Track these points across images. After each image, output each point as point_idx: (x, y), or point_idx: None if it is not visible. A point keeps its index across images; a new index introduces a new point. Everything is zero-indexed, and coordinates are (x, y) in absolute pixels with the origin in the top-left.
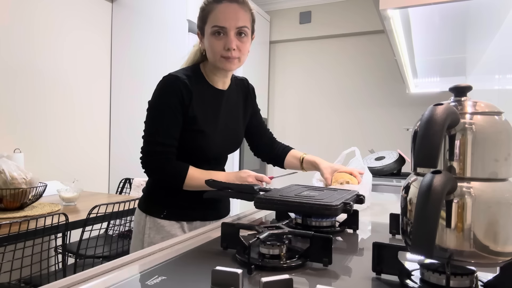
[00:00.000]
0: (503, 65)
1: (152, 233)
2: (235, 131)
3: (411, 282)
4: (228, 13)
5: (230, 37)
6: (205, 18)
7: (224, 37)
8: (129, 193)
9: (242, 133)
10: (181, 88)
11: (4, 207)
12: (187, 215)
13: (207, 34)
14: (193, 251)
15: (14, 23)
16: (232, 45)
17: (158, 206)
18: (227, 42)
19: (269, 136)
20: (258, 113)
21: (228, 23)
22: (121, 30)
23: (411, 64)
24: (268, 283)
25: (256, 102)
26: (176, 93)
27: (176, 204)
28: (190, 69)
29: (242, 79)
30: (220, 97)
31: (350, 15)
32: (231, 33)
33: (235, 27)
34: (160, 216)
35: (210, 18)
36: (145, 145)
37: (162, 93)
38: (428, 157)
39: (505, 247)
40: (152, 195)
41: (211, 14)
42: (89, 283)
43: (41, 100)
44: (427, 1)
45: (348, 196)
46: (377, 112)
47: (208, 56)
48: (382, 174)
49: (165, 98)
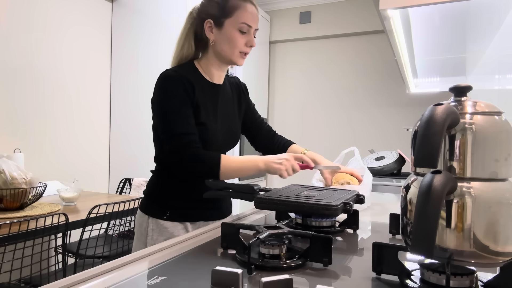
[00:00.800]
0: (503, 65)
1: (155, 235)
2: (233, 125)
3: (411, 282)
4: (254, 14)
5: (252, 36)
6: (229, 11)
7: (247, 35)
8: (129, 193)
9: (239, 128)
10: (183, 80)
11: (4, 207)
12: (190, 215)
13: (231, 27)
14: (193, 251)
15: (14, 24)
16: (254, 44)
17: (161, 207)
18: (250, 40)
19: (267, 129)
20: (253, 107)
21: (254, 23)
22: (121, 30)
23: (411, 64)
24: (268, 283)
25: (249, 97)
26: (180, 84)
27: (179, 205)
28: (184, 65)
29: (234, 77)
30: (217, 91)
31: (350, 15)
32: (253, 33)
33: (255, 28)
34: (163, 217)
35: (238, 14)
36: (168, 143)
37: (166, 86)
38: (428, 157)
39: (505, 247)
40: (154, 196)
41: (240, 10)
42: (89, 283)
43: (41, 100)
44: (427, 1)
45: (348, 196)
46: (377, 112)
47: (223, 48)
48: (382, 174)
49: (171, 90)
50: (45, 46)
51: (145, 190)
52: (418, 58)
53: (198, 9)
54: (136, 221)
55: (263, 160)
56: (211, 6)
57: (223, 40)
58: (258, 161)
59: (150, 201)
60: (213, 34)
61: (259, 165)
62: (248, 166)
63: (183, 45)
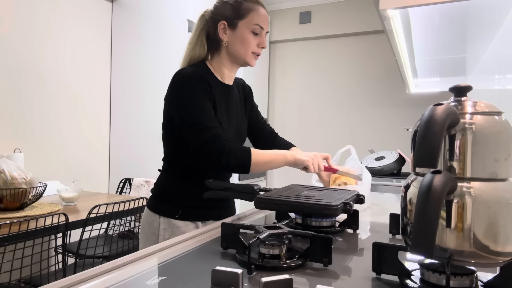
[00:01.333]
0: (503, 65)
1: (167, 234)
2: (241, 125)
3: (411, 282)
4: (265, 17)
5: (264, 37)
6: (243, 13)
7: (259, 37)
8: (129, 193)
9: (246, 129)
10: (202, 77)
11: (4, 207)
12: (201, 214)
13: (244, 28)
14: (193, 251)
15: (14, 24)
16: (266, 45)
17: (173, 207)
18: (261, 41)
19: (269, 130)
20: (256, 108)
21: (265, 25)
22: (121, 30)
23: (411, 64)
24: (268, 283)
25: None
26: (200, 80)
27: (191, 204)
28: (196, 66)
29: (239, 78)
30: (228, 91)
31: (350, 15)
32: (264, 35)
33: (266, 31)
34: (174, 216)
35: (252, 16)
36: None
37: (187, 82)
38: (428, 157)
39: (505, 247)
40: (165, 196)
41: (253, 13)
42: (89, 283)
43: (41, 100)
44: (427, 1)
45: (348, 196)
46: (377, 112)
47: (237, 49)
48: (382, 174)
49: (192, 85)
50: (45, 46)
51: (154, 189)
52: (418, 58)
53: (211, 11)
54: (145, 220)
55: (291, 153)
56: (225, 8)
57: (236, 41)
58: (287, 154)
59: (161, 201)
60: (227, 35)
61: (287, 157)
62: (277, 159)
63: (195, 46)
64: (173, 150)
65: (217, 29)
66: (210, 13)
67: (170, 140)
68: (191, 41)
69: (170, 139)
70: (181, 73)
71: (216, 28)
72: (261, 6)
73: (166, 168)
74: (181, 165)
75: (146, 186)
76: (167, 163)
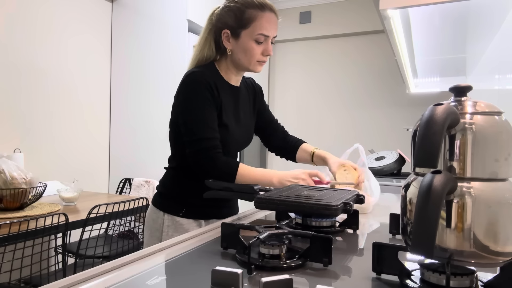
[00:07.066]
0: (503, 65)
1: (170, 231)
2: (249, 127)
3: (411, 282)
4: (271, 22)
5: (269, 45)
6: (246, 22)
7: (264, 44)
8: (129, 193)
9: (253, 130)
10: (209, 81)
11: (4, 207)
12: (205, 213)
13: (247, 38)
14: (193, 251)
15: (14, 24)
16: (271, 53)
17: (177, 204)
18: (266, 49)
19: (281, 130)
20: (268, 109)
21: (271, 32)
22: (121, 30)
23: (411, 64)
24: (268, 283)
25: (264, 99)
26: (206, 86)
27: (195, 203)
28: (205, 67)
29: (249, 77)
30: (236, 93)
31: (350, 15)
32: (270, 41)
33: (272, 36)
34: (178, 214)
35: (254, 25)
36: (189, 145)
37: (193, 88)
38: (428, 157)
39: (505, 247)
40: (170, 193)
41: (256, 21)
42: (89, 283)
43: (41, 100)
44: (427, 1)
45: (348, 196)
46: (377, 112)
47: (240, 58)
48: (382, 174)
49: (197, 92)
50: (45, 46)
51: (159, 186)
52: (418, 58)
53: (216, 17)
54: (149, 216)
55: (278, 177)
56: (228, 16)
57: (239, 50)
58: (273, 177)
59: (166, 198)
60: (230, 44)
61: (273, 181)
62: (262, 181)
63: (203, 48)
64: (179, 149)
65: (221, 36)
66: (215, 17)
67: (177, 139)
68: (200, 42)
69: (176, 138)
70: (188, 76)
71: (221, 35)
72: (267, 10)
73: (172, 166)
74: (186, 164)
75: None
76: (173, 161)
